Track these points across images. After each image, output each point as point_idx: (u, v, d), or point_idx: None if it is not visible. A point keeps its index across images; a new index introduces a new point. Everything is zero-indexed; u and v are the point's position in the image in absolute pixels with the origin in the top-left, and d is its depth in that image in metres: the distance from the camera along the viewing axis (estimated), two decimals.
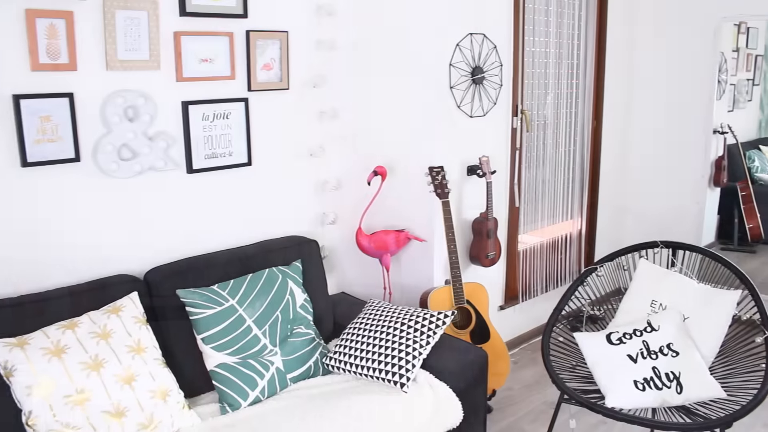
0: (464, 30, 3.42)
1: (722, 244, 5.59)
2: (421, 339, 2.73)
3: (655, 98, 4.87)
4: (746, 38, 5.63)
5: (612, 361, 2.73)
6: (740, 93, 5.73)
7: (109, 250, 2.76)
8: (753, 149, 5.90)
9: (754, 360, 2.78)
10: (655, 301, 2.93)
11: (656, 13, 4.77)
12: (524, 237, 4.13)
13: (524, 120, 3.87)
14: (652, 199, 4.99)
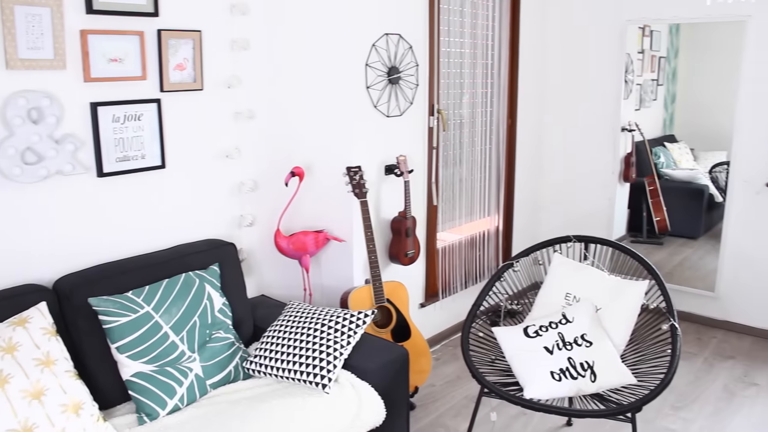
0: (380, 30, 3.43)
1: (632, 236, 5.82)
2: (342, 339, 2.73)
3: (567, 97, 5.03)
4: (650, 41, 5.88)
5: (529, 354, 2.81)
6: (646, 93, 5.97)
7: (14, 258, 2.64)
8: (659, 146, 6.16)
9: (661, 346, 2.90)
10: (569, 293, 3.03)
11: (565, 16, 4.93)
12: (443, 235, 4.19)
13: (441, 119, 3.93)
14: (566, 195, 5.16)
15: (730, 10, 4.32)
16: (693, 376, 3.97)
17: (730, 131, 4.50)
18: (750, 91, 4.34)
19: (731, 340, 4.50)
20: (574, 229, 5.16)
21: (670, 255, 5.56)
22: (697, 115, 6.45)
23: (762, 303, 4.51)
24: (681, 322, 4.78)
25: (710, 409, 3.60)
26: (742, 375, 4.00)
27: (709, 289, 4.71)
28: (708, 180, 6.11)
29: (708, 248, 5.35)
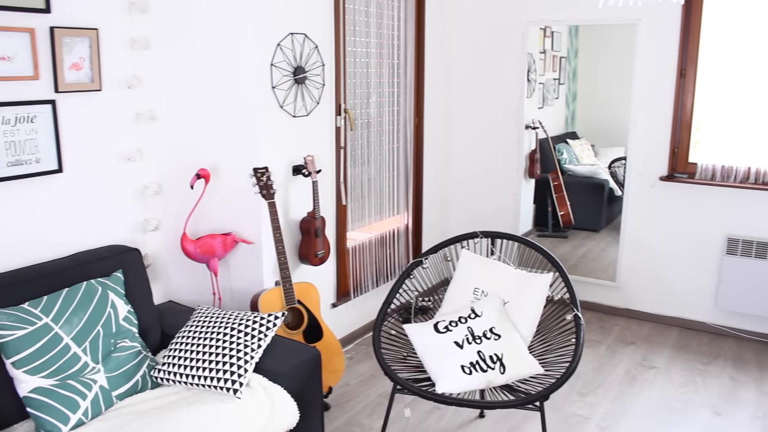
0: (285, 30, 3.40)
1: (539, 230, 5.99)
2: (253, 343, 2.69)
3: (472, 96, 5.13)
4: (551, 41, 6.07)
5: (440, 349, 2.85)
6: (548, 91, 6.17)
7: None
8: (562, 143, 6.37)
9: (566, 336, 3.01)
10: (477, 288, 3.09)
11: (469, 16, 5.03)
12: (353, 234, 4.20)
13: (348, 119, 3.93)
14: (473, 192, 5.26)
15: (622, 14, 4.52)
16: (597, 363, 4.13)
17: (627, 128, 4.70)
18: (642, 90, 4.55)
19: (632, 326, 4.71)
20: (482, 225, 5.28)
21: (575, 248, 5.76)
22: (596, 112, 6.71)
23: (658, 290, 4.74)
24: (585, 311, 4.97)
25: (614, 393, 3.75)
26: (642, 359, 4.19)
27: (611, 279, 4.91)
28: (608, 175, 6.37)
29: (609, 240, 5.58)
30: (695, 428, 3.42)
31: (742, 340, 4.50)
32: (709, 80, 4.44)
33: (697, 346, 4.40)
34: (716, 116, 4.49)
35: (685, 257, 4.61)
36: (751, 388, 3.84)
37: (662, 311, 4.76)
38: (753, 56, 4.32)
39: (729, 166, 4.39)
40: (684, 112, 4.49)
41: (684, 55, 4.43)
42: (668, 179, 4.53)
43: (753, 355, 4.29)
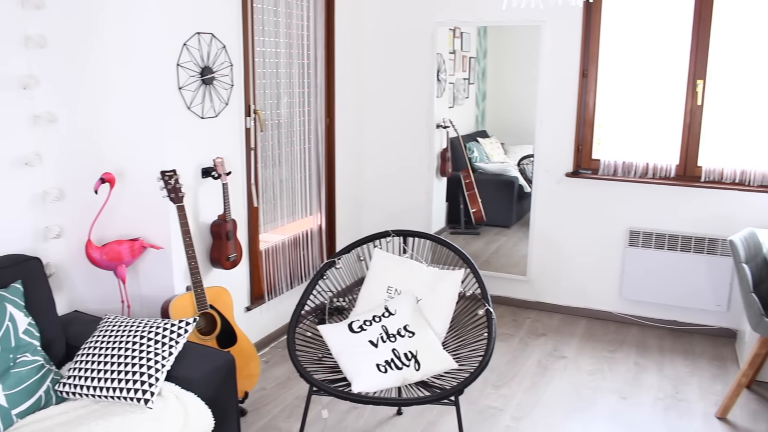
0: (191, 29, 3.32)
1: (452, 228, 6.09)
2: (163, 350, 2.62)
3: (383, 96, 5.16)
4: (461, 42, 6.18)
5: (355, 349, 2.85)
6: (459, 91, 6.27)
7: None
8: (472, 141, 6.49)
9: (479, 331, 3.07)
10: (390, 287, 3.11)
11: (379, 16, 5.05)
12: (266, 236, 4.15)
13: (257, 120, 3.88)
14: (386, 191, 5.30)
15: (526, 15, 4.65)
16: (511, 356, 4.23)
17: (534, 126, 4.84)
18: (547, 90, 4.69)
19: (543, 319, 4.85)
20: (396, 224, 5.32)
21: (487, 244, 5.88)
22: (505, 111, 6.87)
23: (567, 283, 4.90)
24: (498, 305, 5.09)
25: (527, 384, 3.85)
26: (553, 350, 4.32)
27: (522, 274, 5.04)
28: (517, 172, 6.54)
29: (520, 235, 5.72)
30: (603, 413, 3.55)
31: (645, 327, 4.71)
32: (610, 80, 4.63)
33: (604, 335, 4.58)
34: (616, 114, 4.68)
35: (591, 250, 4.79)
36: (654, 372, 4.02)
37: (571, 303, 4.93)
38: (648, 57, 4.53)
39: (629, 162, 4.59)
40: (587, 110, 4.66)
41: (586, 55, 4.59)
42: (573, 175, 4.69)
43: (655, 340, 4.50)
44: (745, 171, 4.35)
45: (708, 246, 4.44)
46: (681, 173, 4.54)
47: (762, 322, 3.31)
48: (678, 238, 4.50)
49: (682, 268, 4.51)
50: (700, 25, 4.34)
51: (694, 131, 4.46)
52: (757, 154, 4.37)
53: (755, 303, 3.33)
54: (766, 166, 4.32)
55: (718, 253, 4.43)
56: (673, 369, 4.08)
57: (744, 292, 3.37)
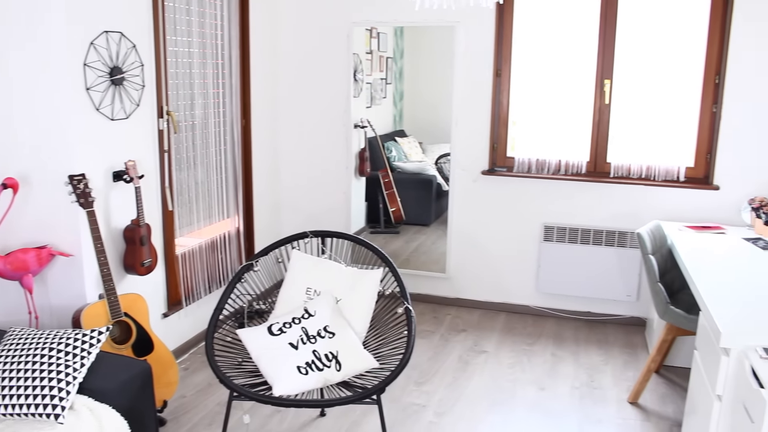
0: (98, 28, 3.21)
1: (371, 227, 6.11)
2: (75, 362, 2.52)
3: (300, 96, 5.13)
4: (378, 42, 6.20)
5: (275, 352, 2.82)
6: (376, 91, 6.30)
7: None
8: (390, 141, 6.53)
9: (399, 329, 3.09)
10: (309, 288, 3.10)
11: (295, 16, 5.02)
12: (182, 240, 4.05)
13: (171, 121, 3.79)
14: (305, 192, 5.27)
15: (440, 16, 4.71)
16: (432, 352, 4.28)
17: (450, 125, 4.90)
18: (463, 89, 4.77)
19: (463, 315, 4.93)
20: (315, 224, 5.29)
21: (407, 242, 5.93)
22: (422, 111, 6.94)
23: (486, 279, 5.00)
24: (419, 303, 5.14)
25: (448, 380, 3.91)
26: (473, 345, 4.40)
27: (441, 271, 5.11)
28: (435, 171, 6.62)
29: (439, 233, 5.79)
30: (523, 404, 3.64)
31: (561, 319, 4.86)
32: (523, 79, 4.75)
33: (522, 328, 4.69)
34: (530, 113, 4.81)
35: (508, 246, 4.90)
36: (570, 362, 4.15)
37: (490, 298, 5.03)
38: (559, 57, 4.67)
39: (542, 160, 4.72)
40: (501, 109, 4.77)
41: (499, 56, 4.69)
42: (489, 173, 4.79)
43: (571, 332, 4.64)
44: (650, 167, 4.54)
45: (618, 239, 4.61)
46: (591, 170, 4.70)
47: (668, 309, 3.46)
48: (590, 232, 4.66)
49: (594, 260, 4.67)
50: (606, 27, 4.50)
51: (602, 129, 4.63)
52: (661, 151, 4.58)
53: (661, 292, 3.48)
54: (669, 162, 4.53)
55: (627, 246, 4.61)
56: (588, 358, 4.22)
57: (651, 281, 3.52)
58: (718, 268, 3.25)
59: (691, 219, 4.52)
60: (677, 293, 3.77)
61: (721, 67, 4.35)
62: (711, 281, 3.02)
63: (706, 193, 4.48)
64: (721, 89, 4.35)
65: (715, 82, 4.39)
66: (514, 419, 3.50)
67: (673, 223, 4.30)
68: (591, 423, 3.47)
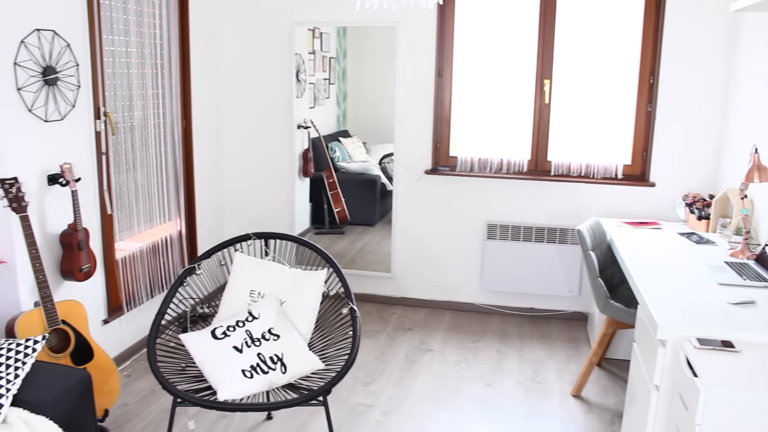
0: (29, 25, 3.11)
1: (316, 228, 6.09)
2: (8, 373, 2.44)
3: (242, 97, 5.07)
4: (320, 42, 6.18)
5: (219, 356, 2.78)
6: (319, 91, 6.28)
7: None
8: (334, 141, 6.52)
9: (344, 329, 3.08)
10: (253, 290, 3.06)
11: (236, 16, 4.96)
12: (122, 244, 3.96)
13: (108, 122, 3.70)
14: (248, 193, 5.21)
15: (382, 16, 4.72)
16: (379, 352, 4.29)
17: (394, 125, 4.92)
18: (405, 89, 4.79)
19: (409, 314, 4.96)
20: (259, 226, 5.24)
21: (352, 242, 5.93)
22: (366, 111, 6.95)
23: (431, 278, 5.03)
24: (364, 303, 5.14)
25: (395, 379, 3.92)
26: (420, 343, 4.42)
27: (387, 271, 5.12)
28: (379, 170, 6.64)
29: (384, 233, 5.81)
30: (469, 401, 3.68)
31: (505, 316, 4.92)
32: (465, 79, 4.79)
33: (467, 326, 4.74)
34: (472, 113, 4.86)
35: (452, 244, 4.95)
36: (515, 358, 4.21)
37: (435, 297, 5.07)
38: (500, 57, 4.73)
39: (485, 159, 4.77)
40: (443, 109, 4.81)
41: (441, 56, 4.73)
42: (432, 173, 4.82)
43: (515, 328, 4.71)
44: (589, 165, 4.64)
45: (559, 236, 4.70)
46: (533, 168, 4.78)
47: (608, 304, 3.55)
48: (532, 230, 4.73)
49: (536, 257, 4.75)
50: (545, 28, 4.58)
51: (543, 128, 4.71)
52: (600, 149, 4.69)
53: (601, 287, 3.56)
54: (607, 160, 4.64)
55: (568, 242, 4.70)
56: (532, 354, 4.29)
57: (591, 277, 3.59)
58: (655, 263, 3.34)
59: (629, 215, 4.64)
60: (617, 287, 3.87)
61: (655, 68, 4.48)
62: (648, 275, 3.11)
63: (642, 189, 4.61)
64: (656, 89, 4.48)
65: (649, 82, 4.52)
66: (460, 416, 3.53)
67: (611, 219, 4.41)
68: (536, 417, 3.53)
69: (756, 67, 3.95)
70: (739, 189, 3.60)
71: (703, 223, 4.07)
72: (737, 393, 2.10)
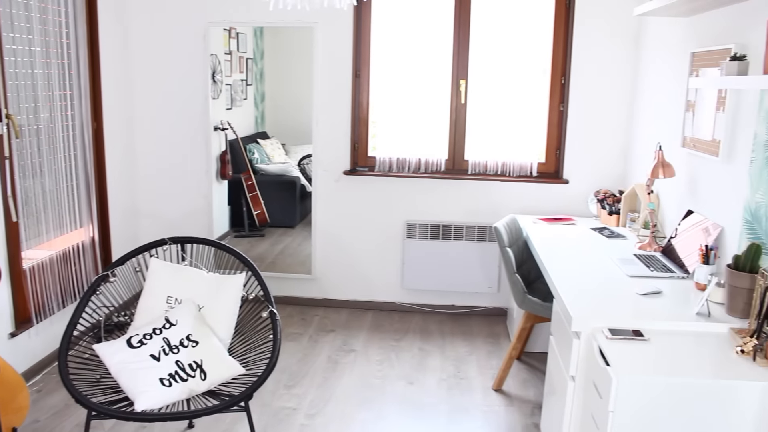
0: None
1: (236, 231, 6.00)
2: None
3: (156, 99, 4.93)
4: (237, 42, 6.09)
5: (135, 365, 2.70)
6: (236, 92, 6.19)
7: None
8: (252, 143, 6.44)
9: (264, 333, 3.05)
10: (170, 297, 2.99)
11: (148, 14, 4.82)
12: (30, 253, 3.79)
13: (11, 125, 3.53)
14: (164, 197, 5.07)
15: (299, 17, 4.69)
16: (301, 354, 4.26)
17: (312, 126, 4.90)
18: (323, 90, 4.77)
19: (331, 315, 4.94)
20: (176, 231, 5.12)
21: (272, 245, 5.87)
22: (285, 112, 6.90)
23: (352, 278, 5.04)
24: (286, 305, 5.09)
25: (319, 381, 3.90)
26: (342, 344, 4.42)
27: (308, 272, 5.09)
28: (299, 172, 6.60)
29: (305, 235, 5.78)
30: (393, 399, 3.70)
31: (427, 314, 4.98)
32: (382, 80, 4.82)
33: (389, 325, 4.77)
34: (390, 113, 4.89)
35: (373, 245, 4.96)
36: (437, 356, 4.26)
37: (357, 297, 5.07)
38: (417, 58, 4.78)
39: (403, 158, 4.81)
40: (361, 109, 4.82)
41: (358, 57, 4.74)
42: (351, 173, 4.82)
43: (436, 326, 4.77)
44: (505, 163, 4.75)
45: (477, 233, 4.79)
46: (450, 167, 4.85)
47: (525, 299, 3.64)
48: (451, 228, 4.80)
49: (456, 255, 4.82)
50: (460, 30, 4.66)
51: (459, 128, 4.79)
52: (515, 148, 4.80)
53: (519, 282, 3.65)
54: (523, 158, 4.75)
55: (486, 240, 4.79)
56: (454, 350, 4.35)
57: (509, 273, 3.67)
58: (569, 257, 3.45)
59: (544, 212, 4.77)
60: (534, 282, 3.97)
61: (566, 69, 4.62)
62: (562, 270, 3.20)
63: (556, 186, 4.75)
64: (567, 90, 4.62)
65: (561, 83, 4.66)
66: (384, 415, 3.55)
67: (527, 216, 4.52)
68: (459, 412, 3.58)
69: (658, 68, 4.14)
70: (646, 185, 3.76)
71: (613, 218, 4.23)
72: (646, 379, 2.19)
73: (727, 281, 2.65)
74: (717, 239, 3.11)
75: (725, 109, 3.13)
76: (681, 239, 3.38)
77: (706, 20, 3.45)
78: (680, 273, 3.15)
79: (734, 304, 2.63)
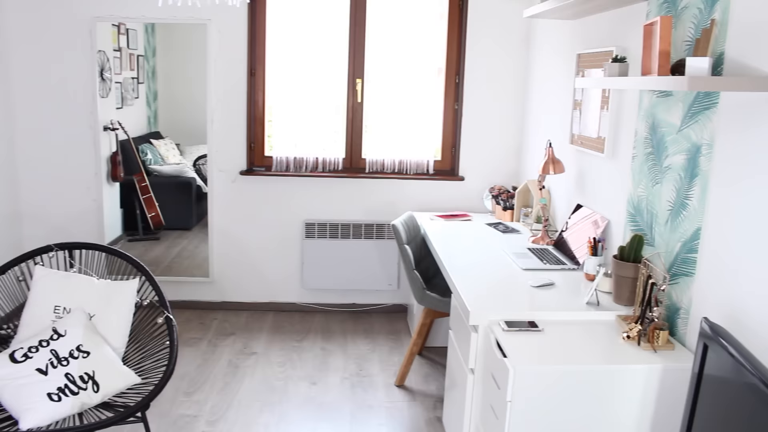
0: None
1: (129, 235, 5.79)
2: None
3: (38, 97, 4.67)
4: (127, 39, 5.86)
5: (20, 381, 2.54)
6: (127, 91, 5.95)
7: None
8: (145, 143, 6.23)
9: (161, 339, 2.95)
10: (58, 306, 2.84)
11: (26, 6, 4.55)
12: None
13: None
14: (50, 201, 4.81)
15: (191, 14, 4.56)
16: (201, 359, 4.15)
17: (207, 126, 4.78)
18: (217, 89, 4.67)
19: (230, 318, 4.85)
20: (64, 236, 4.86)
21: (168, 248, 5.70)
22: (179, 111, 6.71)
23: (251, 280, 4.96)
24: (184, 310, 4.95)
25: (219, 386, 3.81)
26: (243, 348, 4.34)
27: (205, 275, 4.97)
28: (194, 172, 6.44)
29: (202, 237, 5.63)
30: (296, 401, 3.67)
31: (328, 313, 4.97)
32: (278, 79, 4.77)
33: (290, 326, 4.72)
34: (286, 112, 4.84)
35: (272, 245, 4.90)
36: (339, 355, 4.26)
37: (257, 299, 5.00)
38: (313, 57, 4.75)
39: (300, 158, 4.78)
40: (257, 108, 4.75)
41: (253, 55, 4.66)
42: (248, 173, 4.75)
43: (338, 325, 4.77)
44: (402, 161, 4.80)
45: (376, 231, 4.82)
46: (348, 166, 4.85)
47: (424, 295, 3.69)
48: (349, 226, 4.81)
49: (355, 253, 4.84)
50: (356, 29, 4.67)
51: (356, 126, 4.80)
52: (412, 146, 4.87)
53: (418, 279, 3.70)
54: (419, 156, 4.82)
55: (385, 237, 4.83)
56: (355, 349, 4.36)
57: (408, 269, 3.72)
58: (466, 253, 3.53)
59: (441, 208, 4.86)
60: (433, 278, 4.03)
61: (460, 68, 4.72)
62: (459, 265, 3.27)
63: (453, 183, 4.84)
64: (461, 89, 4.72)
65: (455, 82, 4.76)
66: (288, 417, 3.51)
67: (425, 213, 4.59)
68: (362, 410, 3.60)
69: (547, 68, 4.30)
70: (538, 181, 3.89)
71: (508, 213, 4.36)
72: (541, 368, 2.27)
73: (613, 271, 2.79)
74: (604, 231, 3.26)
75: (609, 108, 3.29)
76: (571, 232, 3.52)
77: (590, 23, 3.62)
78: (571, 265, 3.28)
79: (620, 292, 2.76)
